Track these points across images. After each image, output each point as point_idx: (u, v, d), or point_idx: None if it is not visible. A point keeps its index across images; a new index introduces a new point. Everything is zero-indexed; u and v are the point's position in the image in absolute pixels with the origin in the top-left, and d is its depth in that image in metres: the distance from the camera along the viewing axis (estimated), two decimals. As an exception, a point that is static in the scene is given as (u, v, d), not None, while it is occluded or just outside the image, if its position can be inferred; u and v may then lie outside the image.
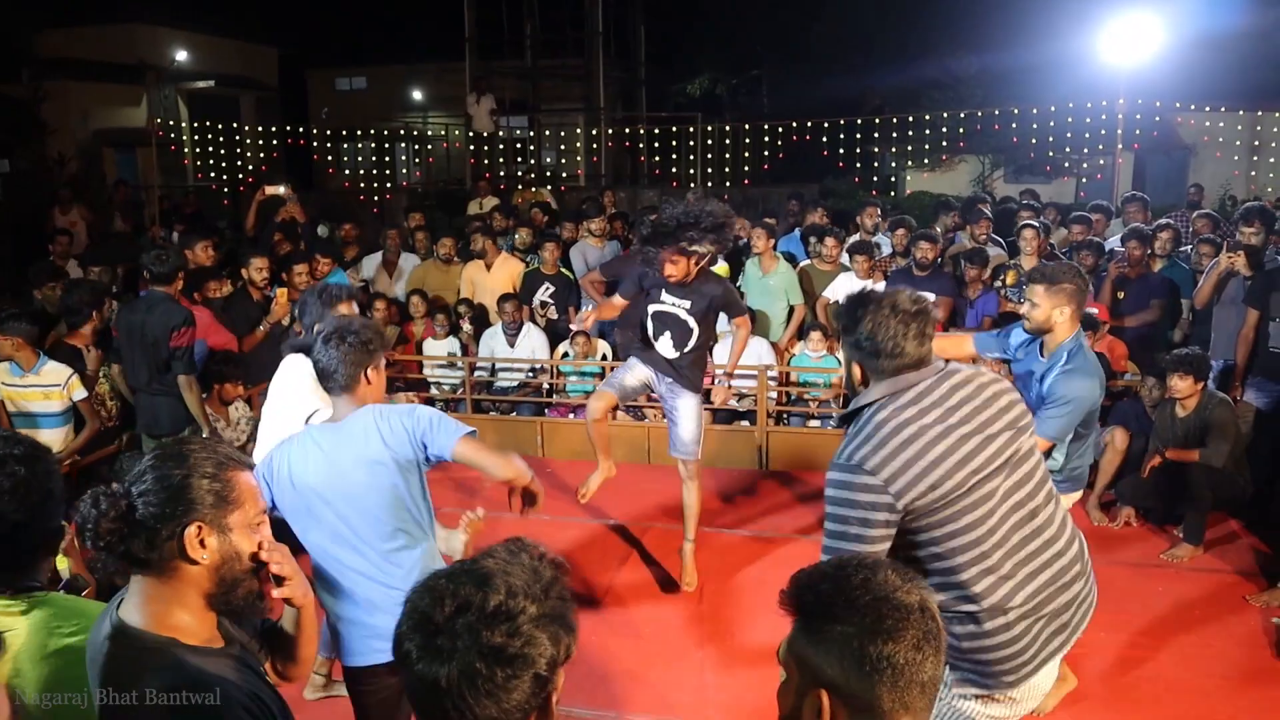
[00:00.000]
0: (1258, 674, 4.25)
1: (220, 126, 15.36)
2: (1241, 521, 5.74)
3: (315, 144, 16.83)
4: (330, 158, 17.84)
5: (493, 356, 7.62)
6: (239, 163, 15.91)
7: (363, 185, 16.73)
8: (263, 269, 6.55)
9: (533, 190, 13.23)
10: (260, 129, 15.73)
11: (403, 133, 21.82)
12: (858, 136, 14.07)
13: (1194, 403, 5.51)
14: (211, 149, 15.68)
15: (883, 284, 7.41)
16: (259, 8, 22.62)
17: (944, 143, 14.87)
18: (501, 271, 8.09)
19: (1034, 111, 13.31)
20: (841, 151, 14.18)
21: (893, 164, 17.93)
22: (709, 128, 16.49)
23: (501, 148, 16.17)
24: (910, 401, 2.39)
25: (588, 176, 17.00)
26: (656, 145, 16.10)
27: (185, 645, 1.65)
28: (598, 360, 7.45)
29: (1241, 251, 6.09)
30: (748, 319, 5.25)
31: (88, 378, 5.62)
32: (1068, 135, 13.71)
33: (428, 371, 7.86)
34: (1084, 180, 16.21)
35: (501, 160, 16.11)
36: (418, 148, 20.58)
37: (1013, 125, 13.84)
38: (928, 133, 14.46)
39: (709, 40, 21.83)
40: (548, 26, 18.57)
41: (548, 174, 16.74)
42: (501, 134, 16.22)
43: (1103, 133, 12.73)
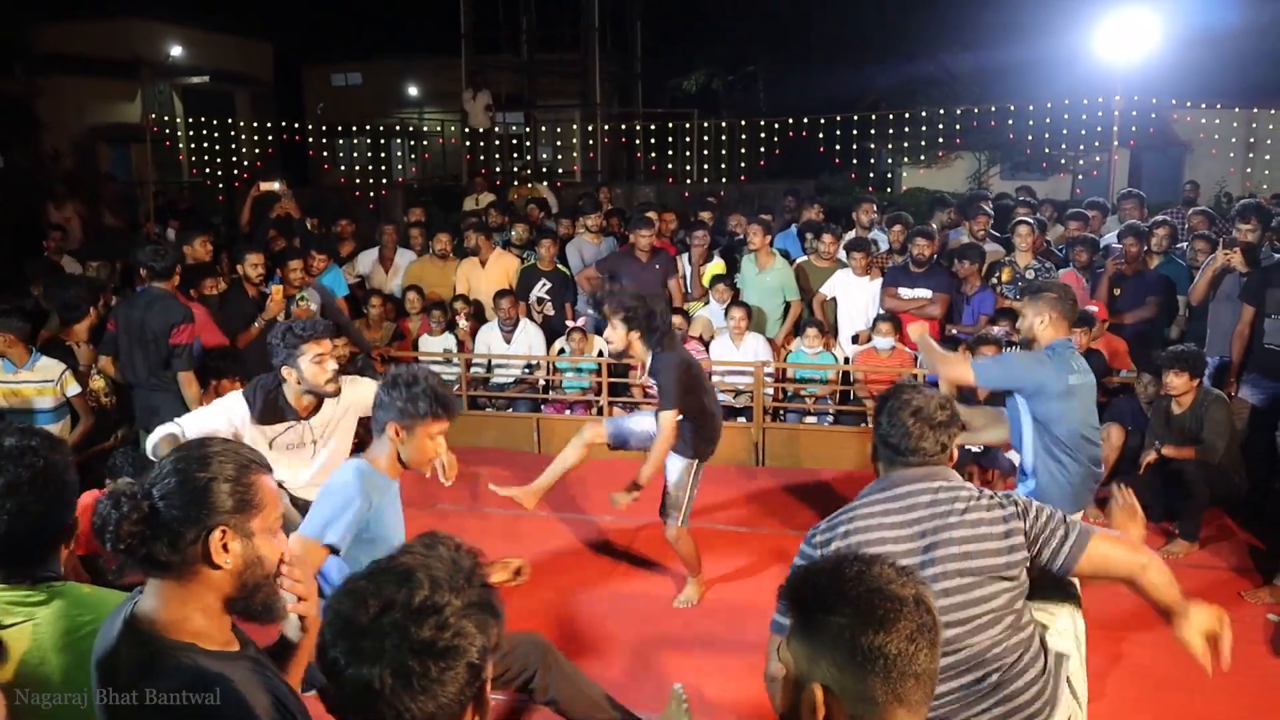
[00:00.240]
0: (1254, 671, 4.25)
1: (215, 122, 15.30)
2: (1237, 518, 5.76)
3: (311, 140, 16.79)
4: (326, 153, 17.80)
5: (489, 353, 7.61)
6: (234, 158, 15.86)
7: (358, 181, 16.68)
8: (258, 265, 6.53)
9: (529, 186, 13.21)
10: (255, 124, 15.67)
11: (398, 128, 21.77)
12: (854, 133, 14.06)
13: (1190, 400, 5.52)
14: (206, 145, 15.62)
15: (879, 280, 7.41)
16: (254, 3, 22.54)
17: (940, 139, 14.88)
18: (496, 268, 8.07)
19: (1030, 108, 13.31)
20: (838, 148, 14.17)
21: (889, 160, 17.93)
22: (705, 124, 16.47)
23: (498, 143, 16.12)
24: (887, 496, 2.52)
25: (584, 172, 16.96)
26: (653, 141, 16.08)
27: (205, 650, 1.62)
28: (594, 357, 7.44)
29: (1238, 248, 6.10)
30: (671, 418, 4.59)
31: (80, 373, 5.61)
32: (1064, 132, 13.72)
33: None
34: (1080, 177, 16.21)
35: (498, 156, 16.07)
36: (413, 143, 20.54)
37: (1009, 122, 13.84)
38: (924, 129, 14.46)
39: (705, 36, 21.78)
40: (544, 22, 18.53)
41: (544, 170, 16.72)
42: (497, 130, 16.17)
43: (1099, 129, 12.74)
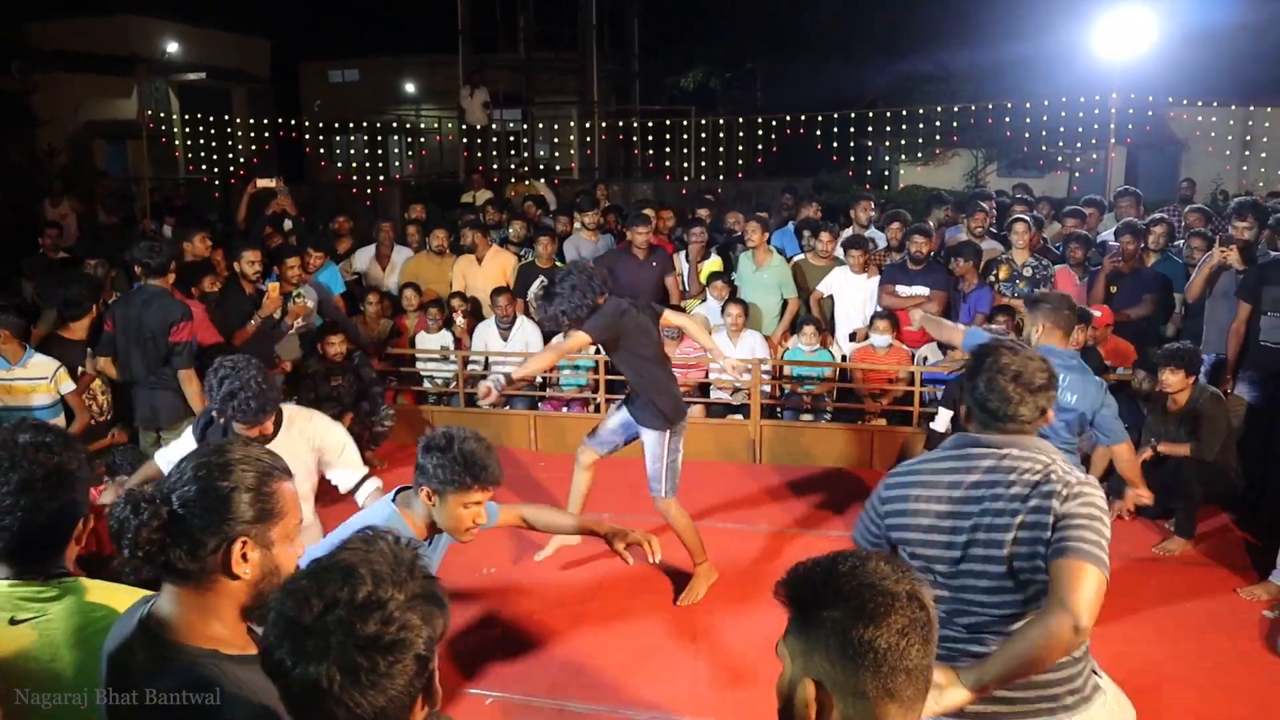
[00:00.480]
0: (1250, 667, 4.27)
1: (212, 119, 15.30)
2: (1233, 515, 5.77)
3: (308, 137, 16.78)
4: (323, 150, 17.79)
5: (486, 350, 7.61)
6: (230, 155, 15.85)
7: (355, 178, 16.68)
8: (255, 262, 6.52)
9: (526, 183, 13.21)
10: (252, 121, 15.65)
11: (396, 125, 21.76)
12: (851, 130, 14.08)
13: (1185, 397, 5.52)
14: (203, 141, 15.62)
15: (877, 278, 7.41)
16: (251, 0, 22.51)
17: (937, 137, 14.90)
18: (493, 265, 8.07)
19: (1027, 106, 13.34)
20: (835, 145, 14.18)
21: (886, 158, 17.93)
22: (703, 121, 16.48)
23: (495, 141, 16.13)
24: (956, 455, 2.48)
25: (581, 170, 16.97)
26: (650, 139, 16.08)
27: (228, 656, 1.60)
28: (591, 354, 7.43)
29: (1234, 246, 6.11)
30: (578, 337, 4.76)
31: (74, 371, 5.58)
32: (1061, 130, 13.74)
33: (421, 365, 7.85)
34: (1077, 174, 16.23)
35: (495, 153, 16.08)
36: (411, 141, 20.53)
37: (1006, 119, 13.86)
38: (921, 126, 14.49)
39: (703, 34, 21.79)
40: (541, 19, 18.54)
41: (541, 167, 16.72)
42: (495, 127, 16.18)
43: (1095, 127, 12.77)
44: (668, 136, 15.93)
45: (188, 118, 16.00)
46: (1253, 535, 5.53)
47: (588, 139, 16.97)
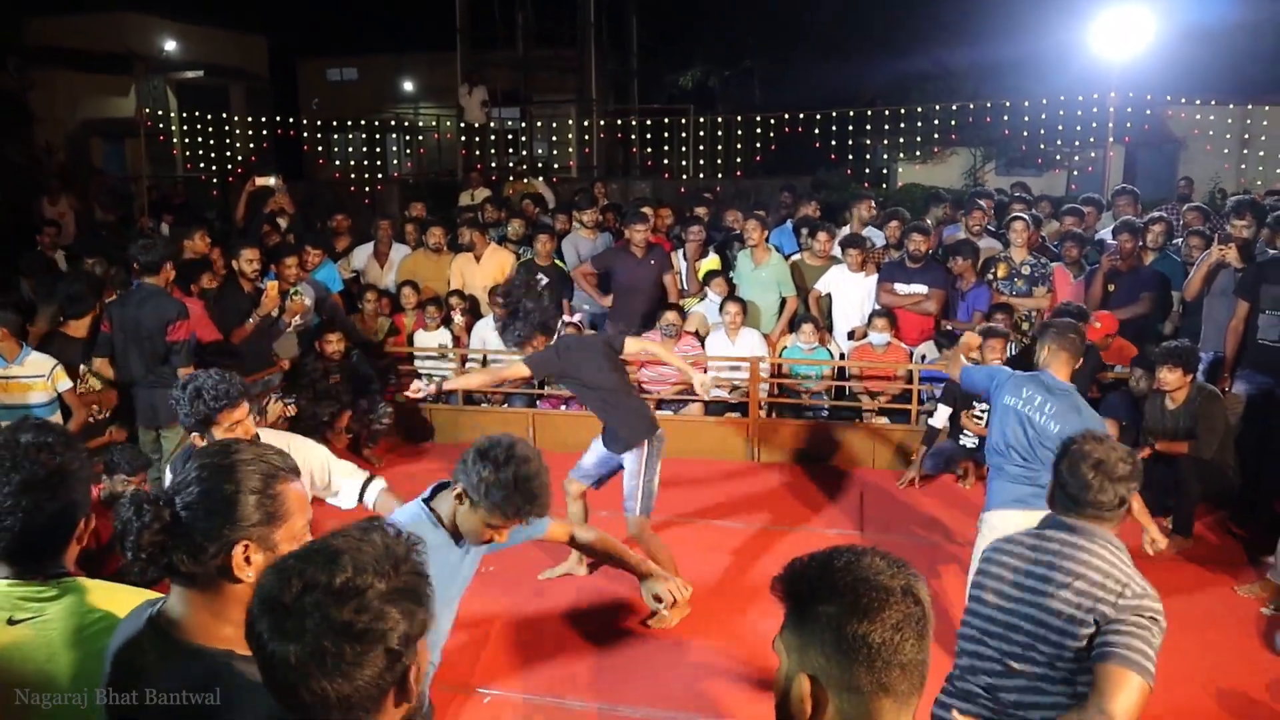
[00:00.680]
0: (1248, 664, 4.27)
1: (209, 117, 15.26)
2: (1230, 513, 5.77)
3: (306, 135, 16.74)
4: (321, 148, 17.72)
5: (484, 348, 7.60)
6: (228, 153, 15.83)
7: (354, 176, 16.66)
8: (253, 261, 6.51)
9: (525, 181, 13.20)
10: (250, 119, 15.63)
11: (394, 123, 21.73)
12: (850, 129, 14.06)
13: (1183, 395, 5.53)
14: (201, 139, 15.58)
15: (874, 276, 7.41)
16: (249, -3, 22.49)
17: (936, 135, 14.89)
18: (491, 263, 8.06)
19: (1025, 104, 13.33)
20: (834, 144, 14.17)
21: (884, 156, 17.93)
22: (701, 119, 16.48)
23: (493, 139, 16.12)
24: (1036, 535, 2.66)
25: (580, 168, 16.97)
26: (649, 137, 16.06)
27: (242, 656, 1.55)
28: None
29: (1232, 244, 6.11)
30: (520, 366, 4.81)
31: (73, 368, 5.58)
32: (1059, 128, 13.73)
33: (419, 363, 7.84)
34: (1075, 173, 16.24)
35: (493, 151, 16.07)
36: (409, 139, 20.49)
37: (1004, 118, 13.85)
38: (920, 125, 14.48)
39: (702, 32, 21.77)
40: (540, 17, 18.54)
41: (540, 165, 16.71)
42: (493, 125, 16.17)
43: (1094, 125, 12.75)
44: (666, 135, 15.93)
45: (185, 116, 15.97)
46: (1250, 533, 5.54)
47: (586, 137, 16.96)
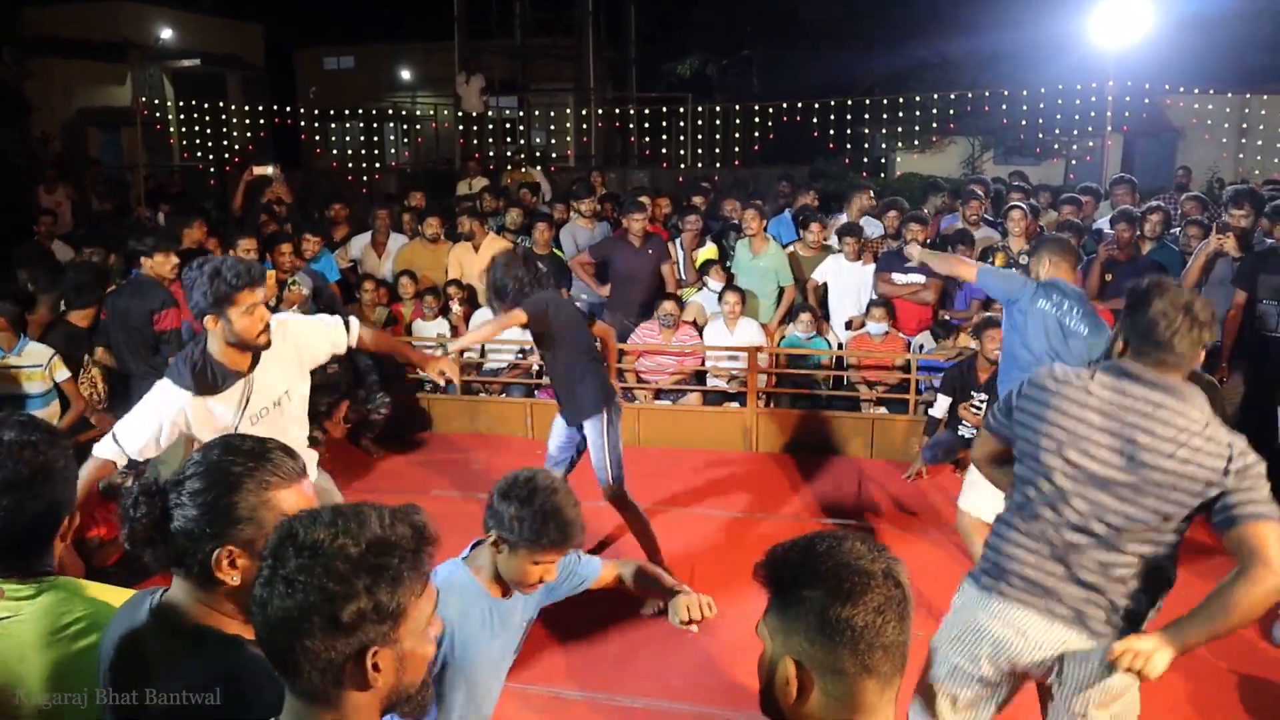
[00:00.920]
0: (1246, 658, 4.28)
1: (206, 106, 15.21)
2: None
3: (303, 124, 16.70)
4: (318, 138, 17.69)
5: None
6: (225, 142, 15.79)
7: (351, 165, 16.63)
8: (250, 250, 6.51)
9: (522, 171, 13.18)
10: (247, 108, 15.58)
11: (391, 112, 21.68)
12: (848, 118, 14.03)
13: (1181, 384, 5.52)
14: (197, 128, 15.54)
15: (871, 266, 7.41)
16: (245, -15, 22.38)
17: (934, 124, 14.88)
18: (489, 252, 7.99)
19: (1024, 93, 13.31)
20: (832, 133, 14.14)
21: (883, 145, 17.92)
22: (699, 108, 16.44)
23: (491, 128, 16.07)
24: (1108, 383, 2.54)
25: (578, 157, 16.92)
26: (647, 126, 16.03)
27: (251, 640, 1.53)
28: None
29: (1230, 234, 6.11)
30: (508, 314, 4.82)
31: (76, 358, 5.58)
32: (1057, 117, 13.71)
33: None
34: (1073, 162, 16.24)
35: (491, 140, 16.02)
36: (406, 128, 20.44)
37: (1002, 107, 13.84)
38: (918, 114, 14.45)
39: (699, 20, 21.70)
40: (537, 6, 18.44)
41: (537, 154, 16.67)
42: (491, 114, 16.12)
43: (1092, 115, 12.73)
44: (664, 124, 15.89)
45: (182, 104, 15.92)
46: (1246, 522, 5.54)
47: (584, 126, 16.91)
